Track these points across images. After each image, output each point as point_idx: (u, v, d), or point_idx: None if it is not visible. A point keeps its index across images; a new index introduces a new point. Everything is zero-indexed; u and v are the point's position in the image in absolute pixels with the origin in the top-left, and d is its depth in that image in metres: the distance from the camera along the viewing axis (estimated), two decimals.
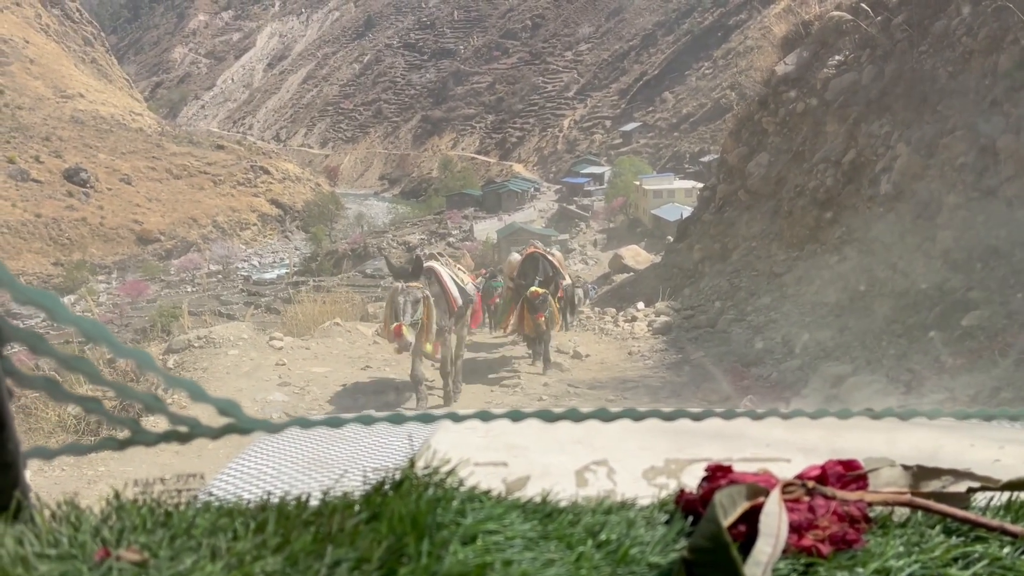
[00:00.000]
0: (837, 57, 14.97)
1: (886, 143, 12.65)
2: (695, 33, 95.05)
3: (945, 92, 11.79)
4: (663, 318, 14.88)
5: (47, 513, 0.65)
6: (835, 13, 14.99)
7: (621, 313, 16.15)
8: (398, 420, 0.76)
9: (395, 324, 8.59)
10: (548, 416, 0.77)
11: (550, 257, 11.77)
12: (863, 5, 14.15)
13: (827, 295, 11.88)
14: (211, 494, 0.80)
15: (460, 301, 9.53)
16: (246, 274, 58.55)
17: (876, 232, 11.56)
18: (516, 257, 12.23)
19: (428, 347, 9.05)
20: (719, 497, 0.72)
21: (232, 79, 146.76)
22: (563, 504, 0.77)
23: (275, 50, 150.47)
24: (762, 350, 11.43)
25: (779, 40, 18.13)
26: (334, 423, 0.74)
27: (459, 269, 10.62)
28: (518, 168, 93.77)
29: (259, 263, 64.45)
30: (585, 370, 11.89)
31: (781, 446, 1.14)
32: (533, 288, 10.67)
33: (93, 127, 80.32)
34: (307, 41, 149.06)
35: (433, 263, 9.79)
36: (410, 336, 8.53)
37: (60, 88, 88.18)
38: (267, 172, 79.42)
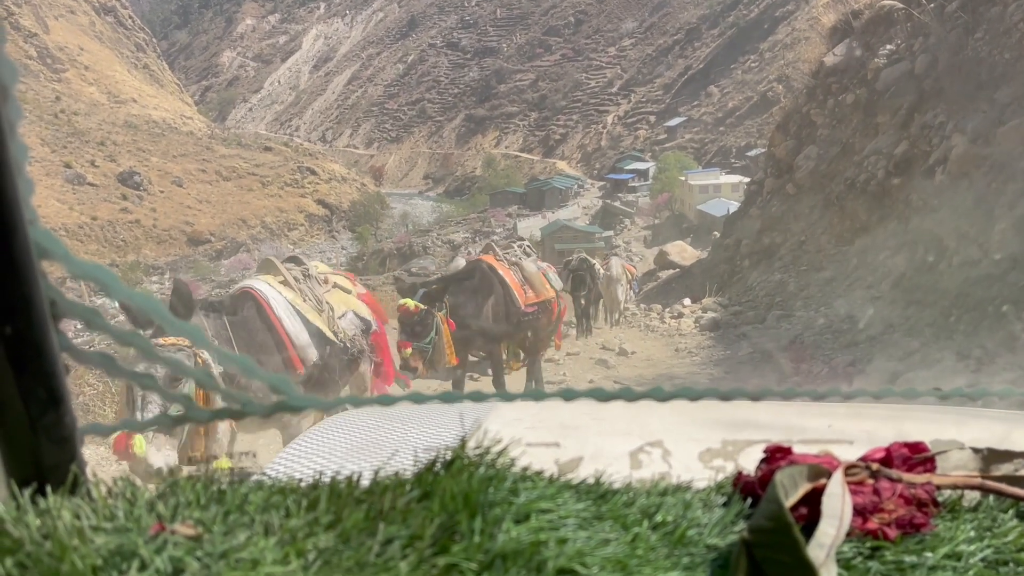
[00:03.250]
0: (888, 46, 14.63)
1: (940, 133, 12.33)
2: (740, 26, 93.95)
3: (1002, 79, 11.46)
4: (710, 314, 14.72)
5: (103, 488, 0.65)
6: (886, 2, 14.65)
7: (667, 310, 16.02)
8: (449, 399, 0.75)
9: (117, 433, 3.81)
10: (601, 395, 0.75)
11: (504, 271, 8.14)
12: None
13: (894, 267, 11.51)
14: (265, 475, 0.80)
15: (313, 355, 5.04)
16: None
17: (944, 199, 11.12)
18: (459, 264, 8.98)
19: (224, 463, 4.21)
20: (780, 477, 0.70)
21: (279, 81, 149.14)
22: (617, 485, 0.76)
23: (320, 52, 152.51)
24: (814, 343, 11.23)
25: (827, 31, 17.81)
26: (385, 402, 0.74)
27: (336, 286, 5.69)
28: (561, 165, 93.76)
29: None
30: (631, 367, 11.81)
31: (843, 432, 1.11)
32: (403, 301, 6.96)
33: (146, 131, 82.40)
34: (352, 42, 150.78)
35: (254, 283, 5.11)
36: (151, 454, 3.80)
37: (114, 93, 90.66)
38: (314, 173, 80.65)
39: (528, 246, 9.42)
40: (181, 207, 70.23)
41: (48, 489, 0.63)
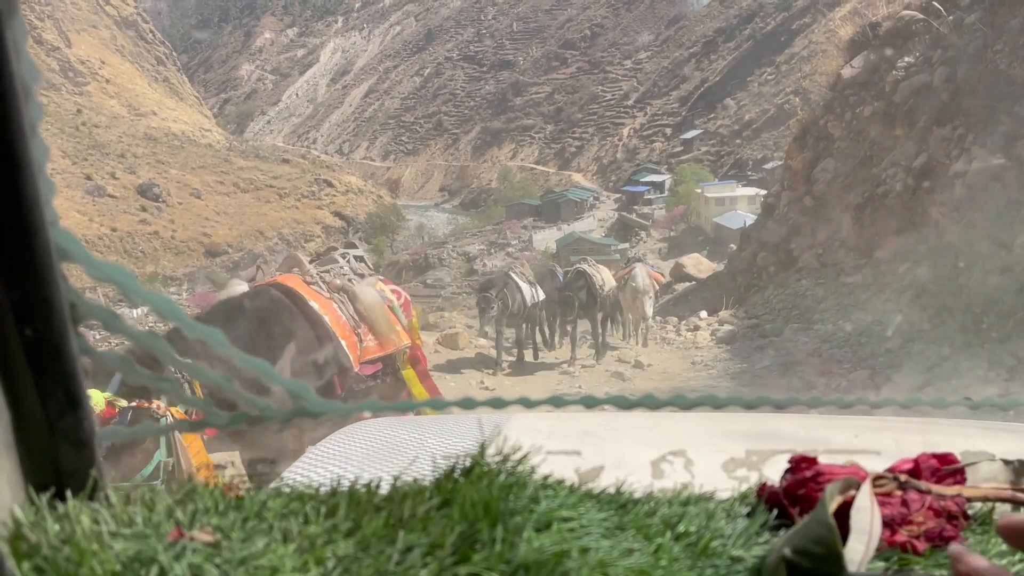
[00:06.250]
0: (907, 59, 14.55)
1: (960, 146, 12.23)
2: (757, 38, 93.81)
3: (1022, 91, 11.36)
4: (727, 327, 14.63)
5: (122, 494, 0.65)
6: (905, 13, 14.58)
7: (683, 322, 15.94)
8: (469, 405, 0.74)
9: None
10: (623, 403, 0.74)
11: (320, 303, 4.88)
12: (935, 4, 13.74)
13: (916, 278, 11.35)
14: (284, 482, 0.80)
15: None
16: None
17: (966, 210, 10.95)
18: (235, 290, 5.13)
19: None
20: (828, 494, 0.68)
21: (297, 94, 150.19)
22: (639, 495, 0.74)
23: (338, 65, 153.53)
24: (833, 356, 11.13)
25: (845, 43, 17.74)
26: (404, 407, 0.73)
27: None
28: (577, 177, 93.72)
29: None
30: (647, 380, 11.74)
31: (870, 444, 1.09)
32: (101, 398, 3.11)
33: (165, 143, 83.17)
34: (369, 56, 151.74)
35: None
36: None
37: (134, 106, 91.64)
38: (331, 185, 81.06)
39: (356, 257, 5.99)
40: (199, 219, 70.73)
41: (67, 494, 0.62)
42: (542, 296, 12.50)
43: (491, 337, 12.59)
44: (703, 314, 16.33)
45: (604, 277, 13.21)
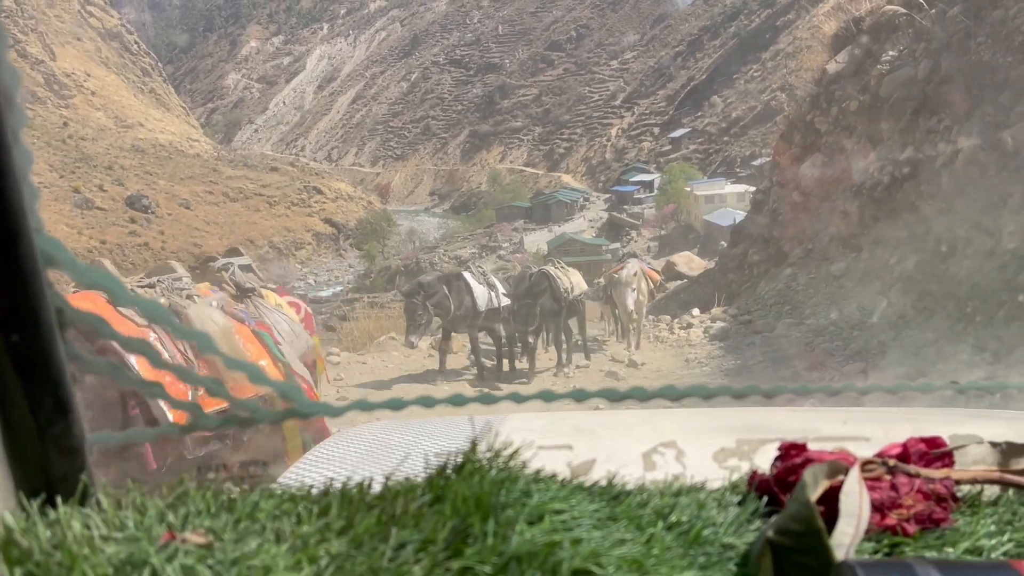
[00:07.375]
0: (891, 52, 14.64)
1: (945, 137, 12.31)
2: (742, 36, 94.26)
3: (1006, 83, 11.44)
4: (720, 324, 14.66)
5: (113, 499, 0.65)
6: (888, 7, 14.67)
7: (676, 320, 15.96)
8: (459, 402, 0.74)
9: None
10: (614, 395, 0.75)
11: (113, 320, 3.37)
12: None
13: (904, 271, 11.41)
14: (277, 485, 0.80)
15: None
16: (303, 293, 59.54)
17: (952, 201, 11.03)
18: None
19: None
20: (808, 476, 0.69)
21: (284, 102, 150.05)
22: (631, 487, 0.75)
23: (325, 72, 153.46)
24: (825, 350, 11.17)
25: (829, 38, 17.85)
26: (395, 406, 0.73)
27: None
28: (566, 179, 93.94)
29: (315, 281, 65.54)
30: (641, 378, 11.74)
31: (859, 431, 1.09)
32: None
33: (153, 154, 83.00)
34: (355, 62, 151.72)
35: None
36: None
37: (121, 118, 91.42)
38: (320, 192, 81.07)
39: (243, 266, 4.53)
40: (189, 229, 70.60)
41: (58, 500, 0.62)
42: (504, 300, 11.41)
43: (416, 347, 11.24)
44: (695, 311, 16.36)
45: (573, 280, 12.34)
